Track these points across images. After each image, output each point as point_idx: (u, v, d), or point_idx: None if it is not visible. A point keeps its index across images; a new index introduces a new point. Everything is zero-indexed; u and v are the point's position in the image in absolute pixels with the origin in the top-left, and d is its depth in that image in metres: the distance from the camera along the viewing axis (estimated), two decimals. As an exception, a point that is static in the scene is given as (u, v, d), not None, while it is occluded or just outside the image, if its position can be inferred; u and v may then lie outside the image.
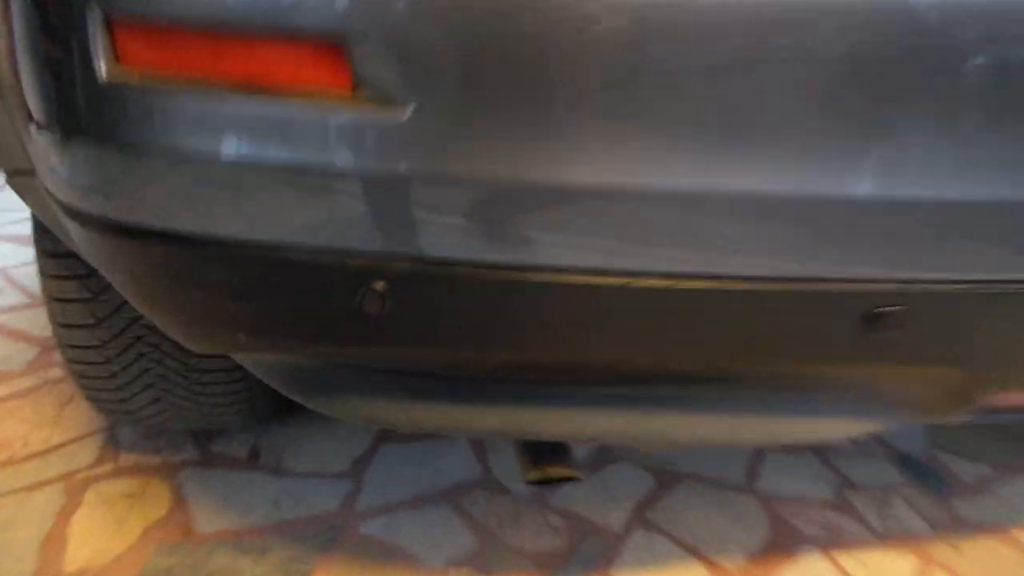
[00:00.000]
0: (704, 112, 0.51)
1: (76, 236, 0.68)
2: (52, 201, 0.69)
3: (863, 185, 0.51)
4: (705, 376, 0.64)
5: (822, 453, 1.51)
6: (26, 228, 2.28)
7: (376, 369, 0.66)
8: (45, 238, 0.93)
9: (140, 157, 0.51)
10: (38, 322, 1.75)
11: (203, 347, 0.64)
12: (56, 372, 1.57)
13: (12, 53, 0.64)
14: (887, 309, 0.56)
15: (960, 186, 0.54)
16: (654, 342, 0.58)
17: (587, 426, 0.66)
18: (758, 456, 1.48)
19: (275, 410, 1.42)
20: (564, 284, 0.54)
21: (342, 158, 0.48)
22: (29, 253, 2.12)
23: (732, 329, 0.57)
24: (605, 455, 1.44)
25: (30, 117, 0.64)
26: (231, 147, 0.49)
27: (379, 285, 0.53)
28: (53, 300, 0.95)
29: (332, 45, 0.47)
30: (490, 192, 0.50)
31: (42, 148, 0.65)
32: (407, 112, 0.48)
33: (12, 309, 1.83)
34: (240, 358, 0.69)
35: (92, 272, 0.93)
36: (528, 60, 0.48)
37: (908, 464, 1.50)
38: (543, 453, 0.73)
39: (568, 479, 0.73)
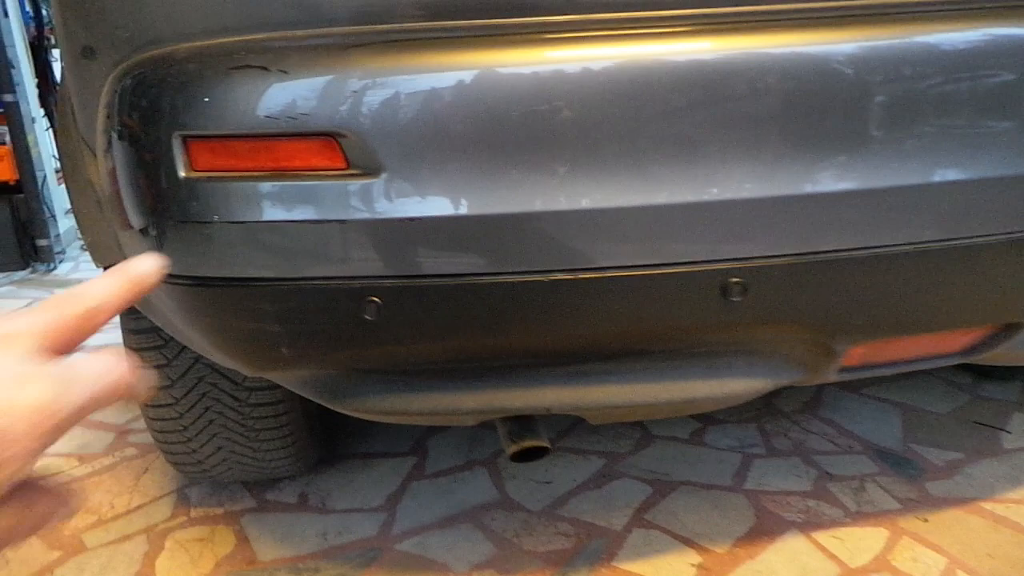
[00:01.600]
0: (585, 152, 0.76)
1: (158, 299, 0.94)
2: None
3: (694, 192, 0.75)
4: (620, 352, 0.86)
5: (804, 453, 1.67)
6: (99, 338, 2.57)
7: (385, 371, 0.89)
8: (129, 318, 1.20)
9: (213, 228, 0.78)
10: (112, 412, 2.02)
11: (256, 366, 0.88)
12: (131, 451, 1.82)
13: (113, 178, 0.92)
14: (735, 280, 0.78)
15: (772, 184, 0.77)
16: (570, 325, 0.81)
17: (543, 399, 0.88)
18: (745, 461, 1.65)
19: (319, 458, 1.65)
20: (499, 284, 0.78)
21: (339, 212, 0.75)
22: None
23: (623, 310, 0.80)
24: (608, 472, 1.63)
25: (127, 223, 0.91)
26: (267, 212, 0.76)
27: (373, 298, 0.78)
28: (137, 369, 1.21)
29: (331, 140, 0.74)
30: (443, 224, 0.75)
31: (135, 241, 0.92)
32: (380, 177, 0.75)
33: (89, 406, 2.10)
34: (282, 378, 0.93)
35: (168, 342, 1.19)
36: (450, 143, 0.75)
37: (885, 456, 1.66)
38: (519, 432, 0.94)
39: (540, 448, 0.94)
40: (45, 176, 3.56)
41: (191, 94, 0.78)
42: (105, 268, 1.12)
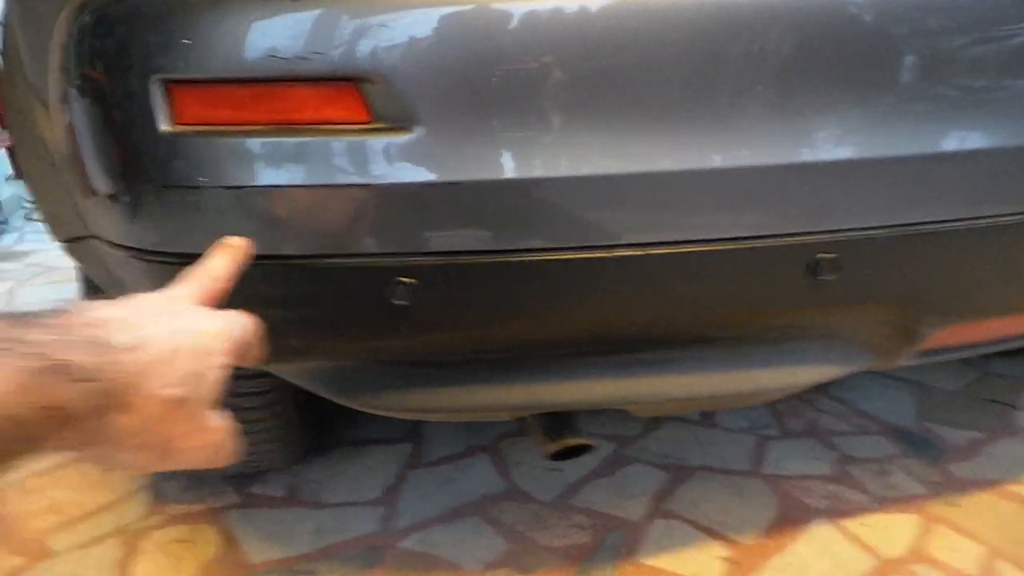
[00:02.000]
0: (657, 108, 0.64)
1: (134, 279, 0.80)
2: (112, 252, 0.81)
3: (786, 154, 0.64)
4: (684, 338, 0.76)
5: (820, 434, 1.60)
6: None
7: (411, 363, 0.77)
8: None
9: (201, 194, 0.64)
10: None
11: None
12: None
13: (72, 136, 0.77)
14: (826, 256, 0.68)
15: (872, 146, 0.67)
16: (634, 308, 0.70)
17: (594, 392, 0.77)
18: (760, 443, 1.58)
19: (308, 449, 1.52)
20: (556, 260, 0.66)
21: (362, 175, 0.62)
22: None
23: (697, 292, 0.69)
24: (619, 459, 1.54)
25: (90, 188, 0.76)
26: (269, 175, 0.62)
27: (405, 278, 0.65)
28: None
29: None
30: (494, 189, 0.63)
31: (102, 211, 0.78)
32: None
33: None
34: (288, 370, 0.80)
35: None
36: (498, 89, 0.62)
37: (903, 436, 1.60)
38: (557, 429, 0.84)
39: (584, 447, 0.83)
40: (-15, 139, 3.29)
41: (174, 29, 0.63)
42: (65, 242, 0.96)
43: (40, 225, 3.61)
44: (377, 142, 0.63)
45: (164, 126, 0.65)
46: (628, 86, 0.62)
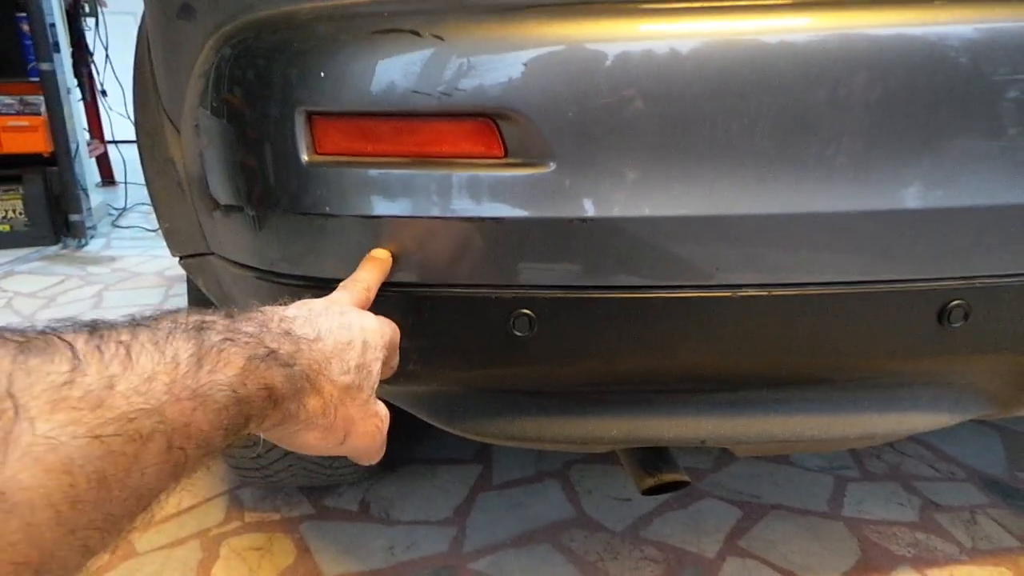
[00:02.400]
0: (793, 150, 0.63)
1: (249, 294, 0.82)
2: (230, 269, 0.84)
3: (922, 198, 0.63)
4: (800, 379, 0.74)
5: (903, 478, 1.55)
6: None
7: (516, 391, 0.78)
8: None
9: (330, 221, 0.66)
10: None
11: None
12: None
13: (200, 154, 0.80)
14: (957, 302, 0.66)
15: (1007, 192, 0.65)
16: (752, 349, 0.68)
17: (699, 429, 0.76)
18: (839, 484, 1.53)
19: (382, 464, 1.54)
20: (677, 299, 0.65)
21: (493, 209, 0.63)
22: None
23: (818, 335, 0.68)
24: (692, 492, 1.51)
25: (215, 204, 0.79)
26: (404, 207, 0.64)
27: (525, 310, 0.66)
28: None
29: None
30: (621, 227, 0.63)
31: (226, 230, 0.80)
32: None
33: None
34: (393, 392, 0.81)
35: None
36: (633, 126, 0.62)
37: (992, 485, 1.53)
38: (655, 463, 0.83)
39: (681, 483, 0.82)
40: (78, 147, 3.46)
41: (319, 63, 0.65)
42: (183, 257, 1.00)
43: (126, 232, 3.75)
44: (509, 177, 0.64)
45: (304, 156, 0.67)
46: (763, 126, 0.62)
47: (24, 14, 3.14)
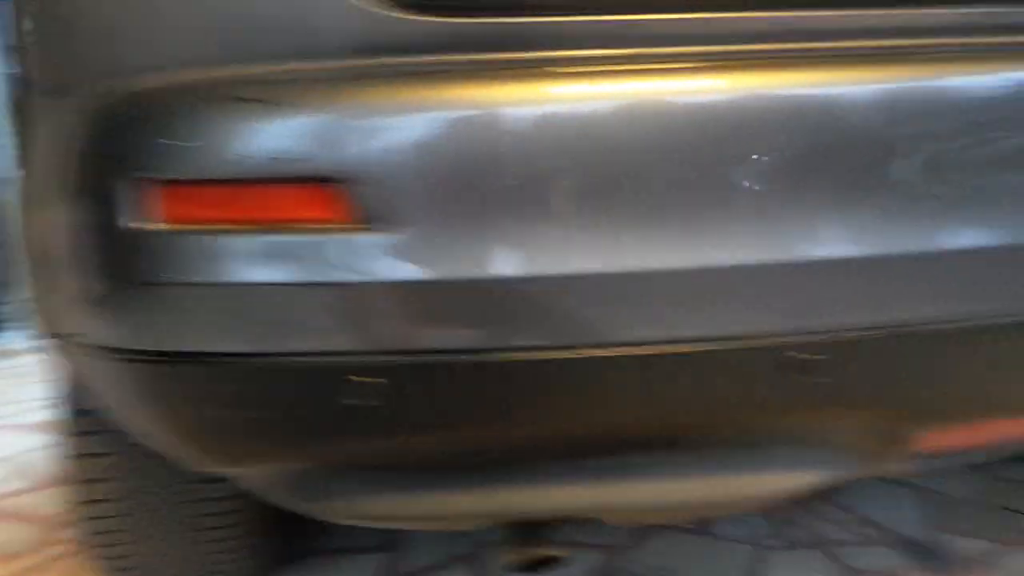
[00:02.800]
0: (636, 209, 0.63)
1: (100, 378, 0.77)
2: (88, 352, 0.79)
3: (765, 251, 0.63)
4: (655, 442, 0.72)
5: (823, 544, 1.52)
6: (30, 417, 2.32)
7: (375, 467, 0.73)
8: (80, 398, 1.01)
9: (173, 291, 0.63)
10: (38, 501, 1.78)
11: (216, 460, 0.71)
12: (58, 549, 1.58)
13: (61, 232, 0.76)
14: (809, 357, 0.65)
15: (863, 244, 0.66)
16: (602, 410, 0.67)
17: (560, 499, 0.72)
18: (759, 555, 1.50)
19: (276, 560, 1.44)
20: (528, 361, 0.63)
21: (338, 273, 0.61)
22: (32, 441, 2.15)
23: (665, 393, 0.67)
24: (607, 570, 1.45)
25: (71, 283, 0.75)
26: (250, 273, 0.61)
27: (377, 378, 0.63)
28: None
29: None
30: (474, 287, 0.62)
31: (84, 307, 0.76)
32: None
33: (15, 494, 1.86)
34: (242, 474, 0.76)
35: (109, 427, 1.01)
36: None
37: (910, 547, 1.52)
38: (523, 540, 0.79)
39: (552, 559, 0.78)
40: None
41: (159, 132, 0.64)
42: (51, 336, 0.94)
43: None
44: (358, 239, 0.63)
45: (138, 223, 0.65)
46: (612, 187, 0.62)
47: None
